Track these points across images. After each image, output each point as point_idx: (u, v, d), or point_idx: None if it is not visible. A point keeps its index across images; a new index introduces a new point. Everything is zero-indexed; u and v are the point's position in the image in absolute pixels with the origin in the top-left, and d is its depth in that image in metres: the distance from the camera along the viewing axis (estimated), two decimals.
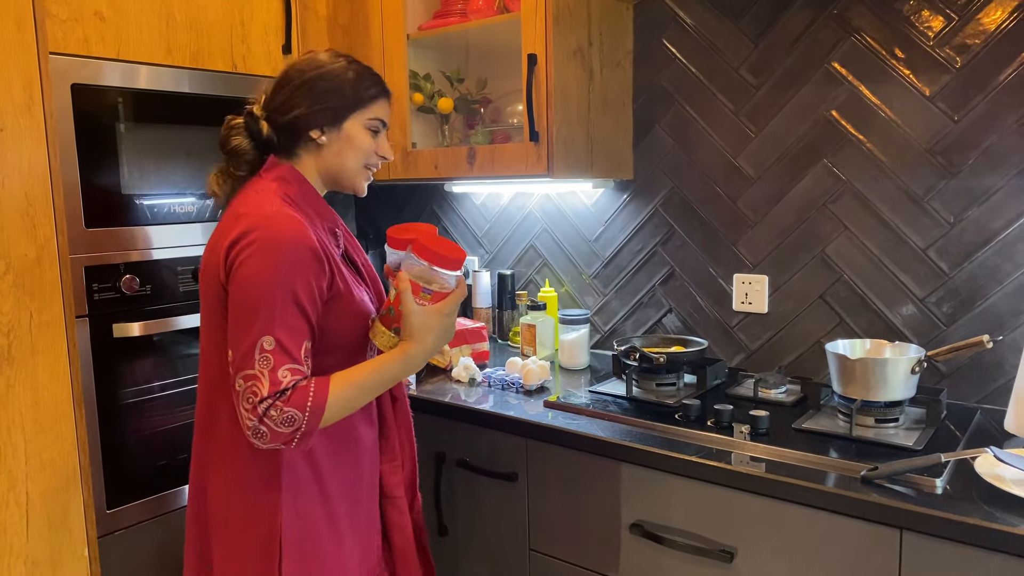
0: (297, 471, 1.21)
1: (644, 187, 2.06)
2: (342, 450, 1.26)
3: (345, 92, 1.24)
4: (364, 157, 1.28)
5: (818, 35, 1.76)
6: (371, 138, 1.28)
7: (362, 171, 1.29)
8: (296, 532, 1.20)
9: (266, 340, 1.10)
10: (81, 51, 1.55)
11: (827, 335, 1.80)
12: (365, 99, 1.25)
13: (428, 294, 1.20)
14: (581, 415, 1.63)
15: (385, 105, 1.30)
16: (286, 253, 1.12)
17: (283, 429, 1.09)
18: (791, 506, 1.29)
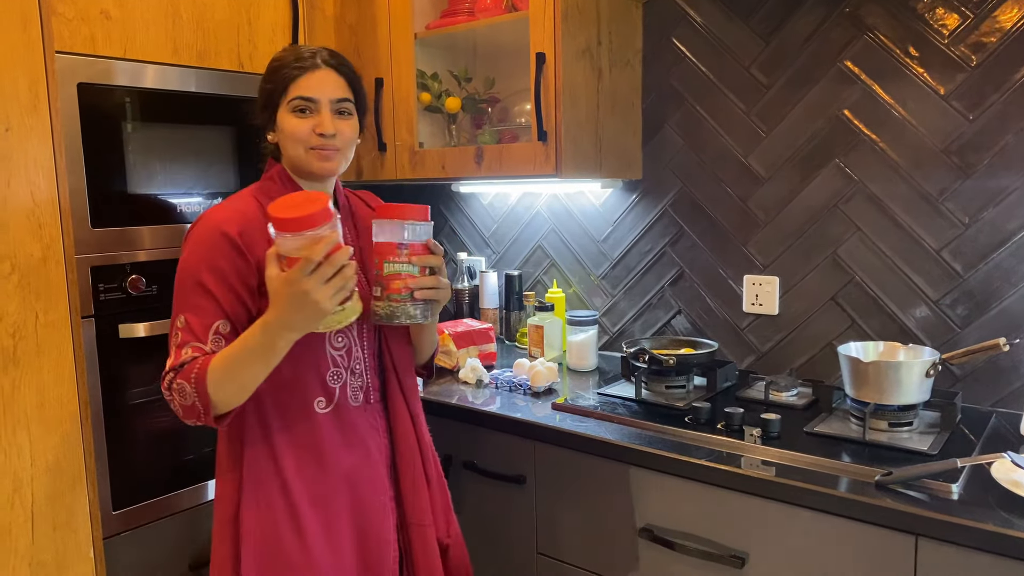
0: (259, 463, 1.23)
1: (653, 187, 2.05)
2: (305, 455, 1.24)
3: (265, 88, 1.26)
4: (301, 141, 1.24)
5: (830, 33, 1.74)
6: (298, 120, 1.23)
7: (309, 154, 1.25)
8: (254, 523, 1.22)
9: (179, 319, 1.19)
10: (87, 50, 1.54)
11: (839, 337, 1.78)
12: (281, 85, 1.24)
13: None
14: (590, 418, 1.61)
15: (307, 80, 1.23)
16: (198, 239, 1.20)
17: (184, 401, 1.15)
18: (803, 511, 1.27)
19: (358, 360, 1.28)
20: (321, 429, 1.24)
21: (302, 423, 1.24)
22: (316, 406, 1.24)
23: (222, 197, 1.77)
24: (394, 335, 1.34)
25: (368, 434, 1.29)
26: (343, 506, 1.26)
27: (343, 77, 1.27)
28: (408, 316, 1.20)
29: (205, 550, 1.75)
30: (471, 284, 2.43)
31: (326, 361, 1.24)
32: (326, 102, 1.24)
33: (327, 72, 1.25)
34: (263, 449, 1.23)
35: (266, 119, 1.28)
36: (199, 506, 1.74)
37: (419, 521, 1.33)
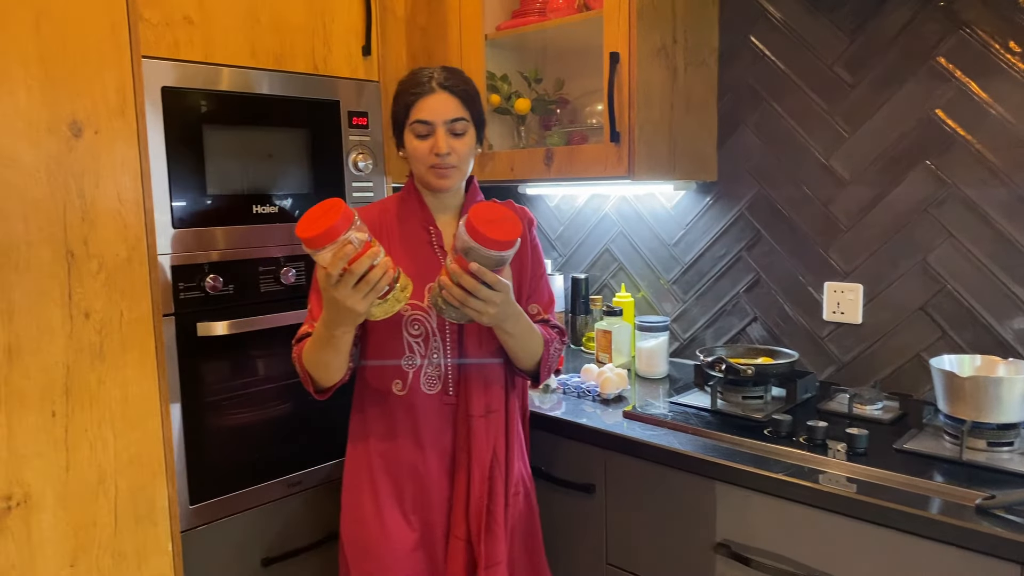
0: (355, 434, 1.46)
1: (728, 189, 1.98)
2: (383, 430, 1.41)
3: (392, 111, 1.41)
4: (421, 161, 1.37)
5: (922, 29, 1.65)
6: (419, 142, 1.36)
7: (428, 171, 1.37)
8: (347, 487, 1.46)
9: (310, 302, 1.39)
10: (171, 54, 1.57)
11: (928, 349, 1.69)
12: (403, 109, 1.37)
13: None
14: (662, 427, 1.57)
15: (424, 104, 1.34)
16: None
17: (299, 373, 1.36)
18: (893, 533, 1.20)
19: (436, 349, 1.38)
20: (395, 410, 1.39)
21: (382, 402, 1.39)
22: (394, 387, 1.38)
23: (295, 199, 1.80)
24: (475, 329, 1.39)
25: (441, 425, 1.39)
26: (413, 490, 1.39)
27: (456, 97, 1.36)
28: (447, 314, 1.28)
29: (278, 545, 1.77)
30: None
31: (401, 347, 1.37)
32: (440, 123, 1.34)
33: (441, 95, 1.35)
34: (357, 423, 1.44)
35: (397, 139, 1.42)
36: (272, 502, 1.77)
37: (487, 526, 1.35)
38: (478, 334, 1.38)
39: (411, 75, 1.39)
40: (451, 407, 1.39)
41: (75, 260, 1.40)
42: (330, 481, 1.88)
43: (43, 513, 1.38)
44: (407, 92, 1.36)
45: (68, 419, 1.40)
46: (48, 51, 1.36)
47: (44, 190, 1.37)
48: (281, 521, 1.78)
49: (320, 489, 1.86)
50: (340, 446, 1.89)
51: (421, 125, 1.34)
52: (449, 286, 1.22)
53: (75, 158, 1.40)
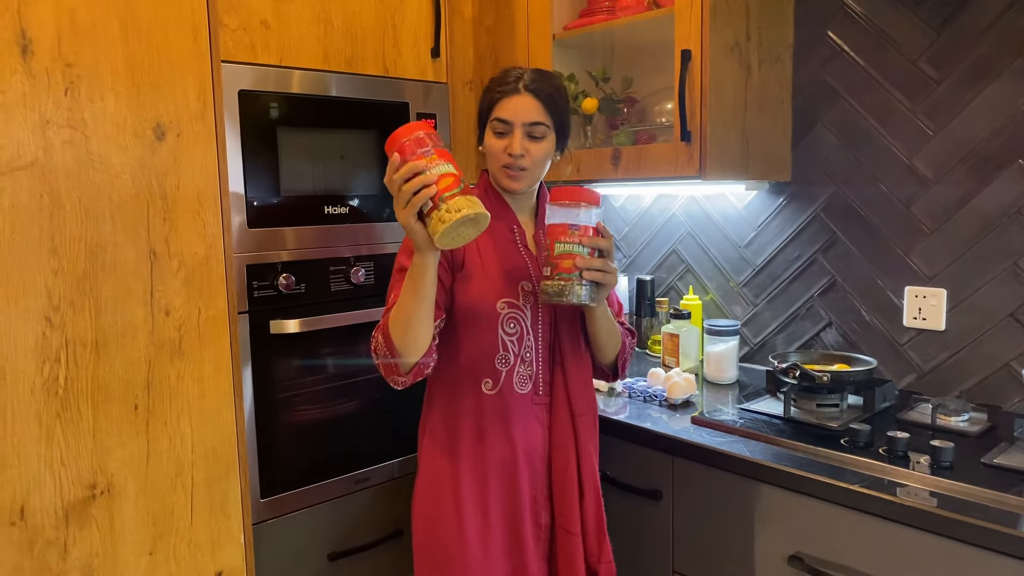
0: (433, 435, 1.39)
1: (803, 190, 1.92)
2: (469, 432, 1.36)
3: (478, 107, 1.40)
4: (495, 159, 1.36)
5: (1016, 20, 1.56)
6: (497, 140, 1.35)
7: (501, 171, 1.36)
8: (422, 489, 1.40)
9: (388, 299, 1.33)
10: (248, 58, 1.62)
11: (1018, 358, 1.60)
12: (487, 107, 1.36)
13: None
14: (732, 434, 1.53)
15: (508, 104, 1.33)
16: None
17: (381, 358, 1.28)
18: (980, 551, 1.14)
19: (529, 348, 1.36)
20: (485, 409, 1.35)
21: (470, 401, 1.35)
22: (483, 386, 1.35)
23: (364, 200, 1.82)
24: (568, 329, 1.39)
25: (531, 424, 1.36)
26: (498, 489, 1.35)
27: (540, 101, 1.34)
28: (576, 296, 1.24)
29: (344, 540, 1.80)
30: None
31: (496, 344, 1.34)
32: (519, 125, 1.33)
33: (525, 96, 1.33)
34: (438, 422, 1.38)
35: (479, 137, 1.40)
36: (340, 497, 1.80)
37: (566, 527, 1.35)
38: (571, 333, 1.39)
39: (502, 73, 1.38)
40: (543, 407, 1.38)
41: (157, 259, 1.46)
42: (397, 478, 1.90)
43: (125, 502, 1.44)
44: (493, 89, 1.36)
45: (149, 412, 1.46)
46: (134, 58, 1.42)
47: (129, 191, 1.42)
48: (348, 516, 1.81)
49: (387, 486, 1.88)
50: (407, 443, 1.91)
51: (500, 123, 1.34)
52: (591, 262, 1.24)
53: (158, 160, 1.46)
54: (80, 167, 1.36)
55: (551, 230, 1.27)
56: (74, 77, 1.35)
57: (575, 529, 1.34)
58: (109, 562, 1.42)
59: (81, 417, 1.38)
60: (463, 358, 1.36)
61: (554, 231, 1.27)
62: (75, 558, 1.38)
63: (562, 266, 1.24)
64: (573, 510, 1.35)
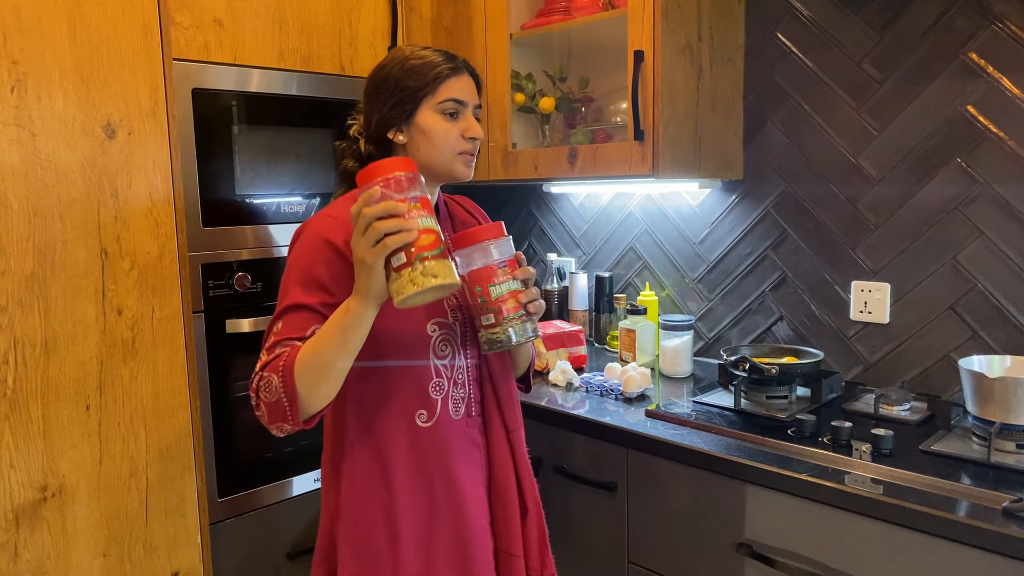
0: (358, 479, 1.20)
1: (754, 187, 1.97)
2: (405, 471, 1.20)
3: (407, 83, 1.18)
4: (448, 144, 1.20)
5: (953, 24, 1.62)
6: (448, 122, 1.19)
7: (455, 158, 1.21)
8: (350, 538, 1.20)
9: (276, 326, 1.14)
10: (201, 57, 1.61)
11: (958, 349, 1.66)
12: (429, 84, 1.18)
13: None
14: (685, 426, 1.56)
15: (457, 83, 1.20)
16: (303, 246, 1.16)
17: (270, 397, 1.08)
18: (919, 535, 1.19)
19: (460, 370, 1.23)
20: (422, 443, 1.19)
21: (402, 436, 1.19)
22: (417, 419, 1.19)
23: (322, 198, 1.82)
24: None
25: (469, 450, 1.24)
26: (445, 527, 1.21)
27: (476, 84, 1.25)
28: (527, 334, 1.14)
29: (303, 539, 1.80)
30: (561, 285, 2.41)
31: (429, 371, 1.19)
32: (471, 107, 1.22)
33: (468, 78, 1.23)
34: (363, 464, 1.20)
35: (399, 116, 1.19)
36: (299, 496, 1.80)
37: (508, 549, 1.25)
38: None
39: (430, 50, 1.21)
40: (477, 428, 1.25)
41: (108, 258, 1.45)
42: None
43: (77, 504, 1.42)
44: (438, 66, 1.19)
45: (102, 413, 1.45)
46: (83, 55, 1.40)
47: (79, 190, 1.41)
48: (308, 515, 1.81)
49: None
50: None
51: (454, 104, 1.19)
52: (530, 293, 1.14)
53: (109, 159, 1.44)
54: (27, 166, 1.34)
55: (477, 277, 1.13)
56: (20, 75, 1.33)
57: (518, 551, 1.25)
58: (62, 564, 1.41)
59: (31, 419, 1.36)
60: (390, 389, 1.19)
61: (482, 276, 1.12)
62: (26, 561, 1.37)
63: (506, 309, 1.12)
64: (515, 531, 1.25)
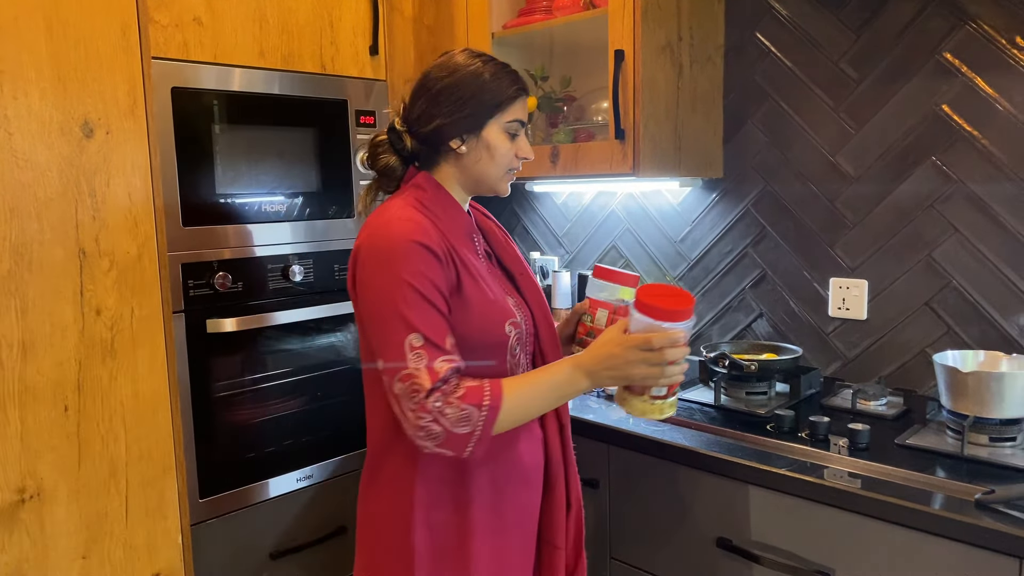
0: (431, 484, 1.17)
1: (734, 186, 1.99)
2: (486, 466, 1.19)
3: (483, 97, 1.19)
4: (504, 162, 1.22)
5: (928, 24, 1.64)
6: (510, 142, 1.22)
7: (504, 176, 1.24)
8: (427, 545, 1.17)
9: (413, 338, 1.07)
10: (181, 55, 1.60)
11: (933, 345, 1.69)
12: (503, 102, 1.19)
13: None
14: (666, 422, 1.58)
15: (523, 104, 1.22)
16: (398, 252, 1.10)
17: (459, 429, 1.05)
18: (895, 528, 1.21)
19: (524, 368, 1.25)
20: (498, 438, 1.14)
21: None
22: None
23: (303, 197, 1.82)
24: (548, 338, 1.29)
25: (532, 444, 1.24)
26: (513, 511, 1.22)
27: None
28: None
29: (286, 539, 1.80)
30: (544, 284, 2.42)
31: (505, 371, 1.20)
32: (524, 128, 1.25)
33: (527, 99, 1.25)
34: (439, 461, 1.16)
35: (466, 127, 1.19)
36: (281, 496, 1.80)
37: (552, 541, 1.27)
38: (552, 342, 1.29)
39: (497, 66, 1.21)
40: (537, 422, 1.26)
41: (87, 258, 1.44)
42: (340, 475, 1.90)
43: (56, 506, 1.41)
44: (511, 83, 1.20)
45: (80, 414, 1.44)
46: (60, 54, 1.39)
47: (56, 189, 1.40)
48: (290, 515, 1.81)
49: (330, 483, 1.89)
50: (350, 440, 1.92)
51: (518, 124, 1.22)
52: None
53: (87, 158, 1.44)
54: (3, 165, 1.33)
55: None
56: None
57: (560, 543, 1.27)
58: (40, 567, 1.40)
59: (8, 421, 1.35)
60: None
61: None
62: (4, 563, 1.35)
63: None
64: (560, 523, 1.27)
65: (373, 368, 1.14)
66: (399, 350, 1.07)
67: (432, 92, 1.21)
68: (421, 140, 1.22)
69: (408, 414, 1.06)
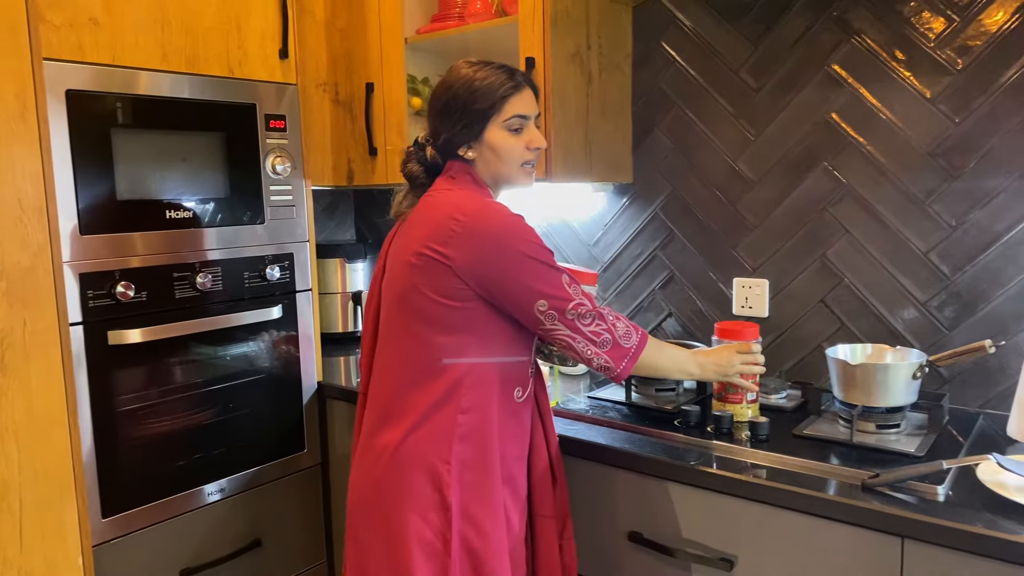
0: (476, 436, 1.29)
1: (643, 190, 2.05)
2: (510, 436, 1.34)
3: (476, 105, 1.30)
4: (513, 157, 1.33)
5: (818, 37, 1.74)
6: (514, 137, 1.32)
7: (519, 170, 1.34)
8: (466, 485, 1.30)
9: (565, 278, 1.27)
10: (76, 57, 1.54)
11: (829, 339, 1.79)
12: (495, 103, 1.30)
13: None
14: (580, 421, 1.61)
15: (520, 99, 1.31)
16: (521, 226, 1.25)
17: (625, 343, 1.29)
18: (792, 514, 1.27)
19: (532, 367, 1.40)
20: (520, 415, 1.36)
21: (503, 409, 1.32)
22: (515, 394, 1.34)
23: (211, 202, 1.77)
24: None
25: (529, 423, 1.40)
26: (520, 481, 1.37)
27: (534, 93, 1.36)
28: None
29: (199, 554, 1.75)
30: None
31: (531, 355, 1.37)
32: (532, 119, 1.34)
33: (528, 90, 1.34)
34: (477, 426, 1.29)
35: (469, 136, 1.32)
36: (190, 512, 1.74)
37: (541, 512, 1.41)
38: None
39: (493, 68, 1.32)
40: (531, 406, 1.41)
41: None
42: (255, 487, 1.86)
43: None
44: (499, 86, 1.30)
45: None
46: None
47: None
48: (202, 530, 1.76)
49: (243, 496, 1.84)
50: (264, 451, 1.88)
51: (519, 119, 1.31)
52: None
53: None
54: None
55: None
56: None
57: (548, 512, 1.41)
58: None
59: None
60: (507, 369, 1.32)
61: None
62: None
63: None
64: (548, 495, 1.41)
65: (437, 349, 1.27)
66: (559, 287, 1.25)
67: (436, 110, 1.35)
68: (439, 151, 1.36)
69: (585, 331, 1.26)
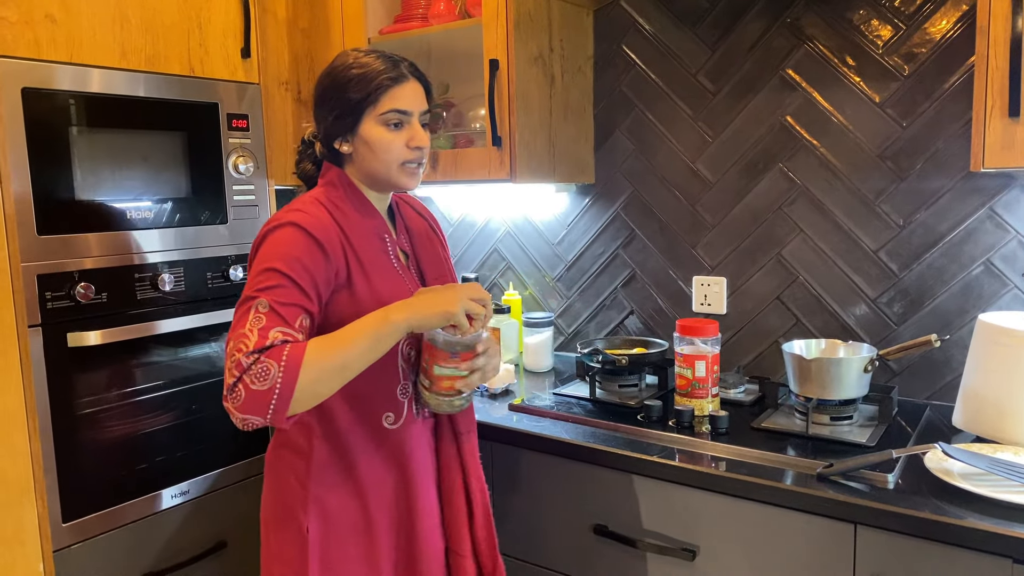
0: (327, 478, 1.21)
1: (605, 191, 2.09)
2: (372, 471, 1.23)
3: (348, 96, 1.19)
4: (391, 155, 1.20)
5: (773, 42, 1.80)
6: (392, 133, 1.20)
7: (398, 169, 1.22)
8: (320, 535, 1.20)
9: (259, 303, 1.08)
10: (32, 54, 1.51)
11: (785, 335, 1.84)
12: (371, 94, 1.18)
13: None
14: (546, 418, 1.64)
15: (400, 92, 1.19)
16: (281, 238, 1.13)
17: (260, 385, 1.02)
18: (751, 504, 1.32)
19: (414, 370, 1.26)
20: (388, 446, 1.23)
21: (369, 439, 1.21)
22: (384, 421, 1.23)
23: (173, 202, 1.76)
24: None
25: (424, 452, 1.27)
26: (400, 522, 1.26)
27: (424, 88, 1.24)
28: (451, 407, 1.23)
29: (162, 558, 1.73)
30: None
31: (397, 374, 1.23)
32: (417, 115, 1.22)
33: (415, 83, 1.22)
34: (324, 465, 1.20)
35: (342, 128, 1.21)
36: (152, 515, 1.72)
37: (457, 549, 1.29)
38: None
39: (374, 57, 1.20)
40: (430, 430, 1.29)
41: None
42: (218, 489, 1.85)
43: None
44: (380, 76, 1.18)
45: None
46: None
47: None
48: (166, 533, 1.74)
49: (207, 498, 1.82)
50: (228, 453, 1.86)
51: (397, 114, 1.19)
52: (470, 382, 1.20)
53: None
54: None
55: (430, 349, 1.19)
56: None
57: (466, 551, 1.29)
58: None
59: None
60: (360, 392, 1.19)
61: (433, 353, 1.19)
62: None
63: (441, 386, 1.20)
64: (463, 532, 1.29)
65: None
66: (245, 311, 1.09)
67: (316, 99, 1.25)
68: (323, 145, 1.26)
69: (225, 373, 1.06)
